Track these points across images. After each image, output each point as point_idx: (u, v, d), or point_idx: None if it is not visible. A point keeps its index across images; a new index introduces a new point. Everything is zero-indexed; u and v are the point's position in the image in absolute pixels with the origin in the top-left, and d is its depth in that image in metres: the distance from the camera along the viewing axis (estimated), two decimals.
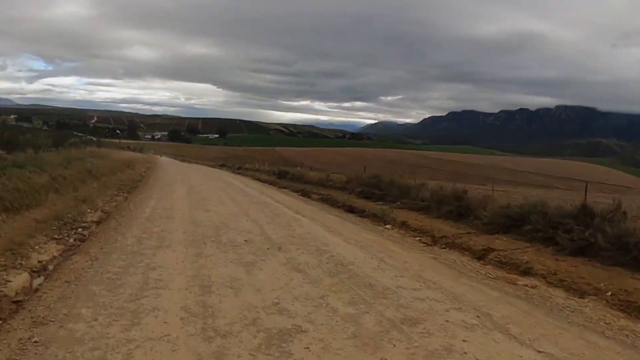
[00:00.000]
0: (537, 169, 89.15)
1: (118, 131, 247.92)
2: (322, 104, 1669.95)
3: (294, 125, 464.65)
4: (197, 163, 69.69)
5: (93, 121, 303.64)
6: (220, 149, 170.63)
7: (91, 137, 75.16)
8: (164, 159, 79.85)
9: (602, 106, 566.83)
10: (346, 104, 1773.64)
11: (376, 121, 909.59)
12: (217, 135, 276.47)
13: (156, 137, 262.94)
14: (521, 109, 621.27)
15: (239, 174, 35.40)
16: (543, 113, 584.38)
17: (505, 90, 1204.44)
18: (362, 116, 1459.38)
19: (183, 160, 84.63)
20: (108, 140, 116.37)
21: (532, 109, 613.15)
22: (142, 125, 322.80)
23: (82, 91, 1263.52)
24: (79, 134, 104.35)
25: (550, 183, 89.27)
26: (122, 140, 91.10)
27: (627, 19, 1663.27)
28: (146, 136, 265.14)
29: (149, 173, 29.29)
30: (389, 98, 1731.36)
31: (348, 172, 23.02)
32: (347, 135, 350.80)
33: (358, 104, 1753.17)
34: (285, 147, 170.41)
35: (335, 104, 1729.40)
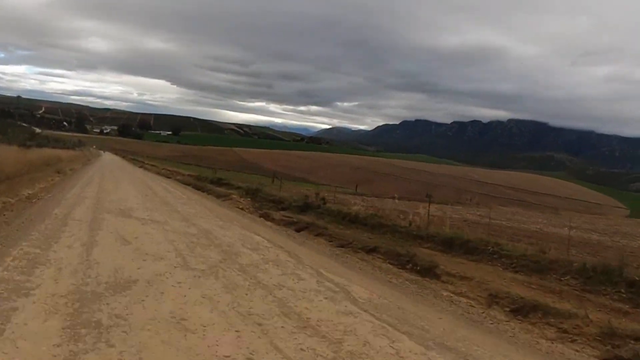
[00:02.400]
0: (507, 183, 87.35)
1: (65, 123, 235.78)
2: (278, 106, 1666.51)
3: (249, 126, 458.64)
4: (154, 168, 48.22)
5: (40, 112, 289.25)
6: (173, 147, 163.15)
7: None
8: (105, 159, 63.30)
9: (554, 122, 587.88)
10: (302, 108, 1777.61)
11: (330, 126, 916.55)
12: (170, 133, 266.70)
13: (105, 132, 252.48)
14: (474, 120, 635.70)
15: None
16: (495, 125, 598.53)
17: (460, 102, 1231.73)
18: (317, 120, 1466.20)
19: (133, 162, 64.35)
20: (52, 132, 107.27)
21: (485, 121, 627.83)
22: (91, 119, 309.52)
23: (33, 81, 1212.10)
24: (24, 124, 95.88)
25: (524, 198, 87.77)
26: (38, 130, 74.40)
27: (590, 38, 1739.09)
28: (94, 130, 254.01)
29: None
30: (345, 104, 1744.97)
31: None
32: (306, 140, 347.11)
33: (314, 108, 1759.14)
34: (243, 147, 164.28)
35: (291, 107, 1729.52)
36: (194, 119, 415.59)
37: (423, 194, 78.71)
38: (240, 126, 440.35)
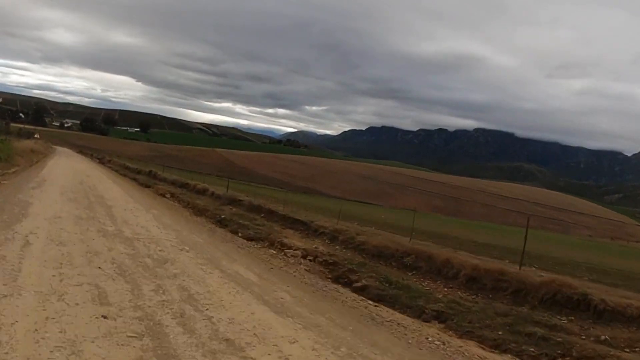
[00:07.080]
0: (525, 197, 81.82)
1: (21, 115, 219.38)
2: (244, 107, 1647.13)
3: (216, 126, 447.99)
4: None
5: None
6: (144, 146, 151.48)
7: None
8: (58, 178, 33.85)
9: (521, 132, 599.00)
10: (269, 110, 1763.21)
11: (296, 130, 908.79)
12: (138, 129, 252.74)
13: (66, 125, 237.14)
14: (440, 129, 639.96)
15: None
16: (461, 134, 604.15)
17: (428, 110, 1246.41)
18: (283, 124, 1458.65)
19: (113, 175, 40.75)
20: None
21: (451, 129, 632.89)
22: (51, 112, 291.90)
23: None
24: None
25: (555, 215, 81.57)
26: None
27: (569, 51, 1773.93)
28: (54, 123, 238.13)
29: None
30: (314, 108, 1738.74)
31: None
32: (283, 142, 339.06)
33: (281, 111, 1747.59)
34: (223, 148, 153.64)
35: (258, 109, 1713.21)
36: (161, 116, 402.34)
37: (450, 209, 70.54)
38: (207, 126, 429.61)
